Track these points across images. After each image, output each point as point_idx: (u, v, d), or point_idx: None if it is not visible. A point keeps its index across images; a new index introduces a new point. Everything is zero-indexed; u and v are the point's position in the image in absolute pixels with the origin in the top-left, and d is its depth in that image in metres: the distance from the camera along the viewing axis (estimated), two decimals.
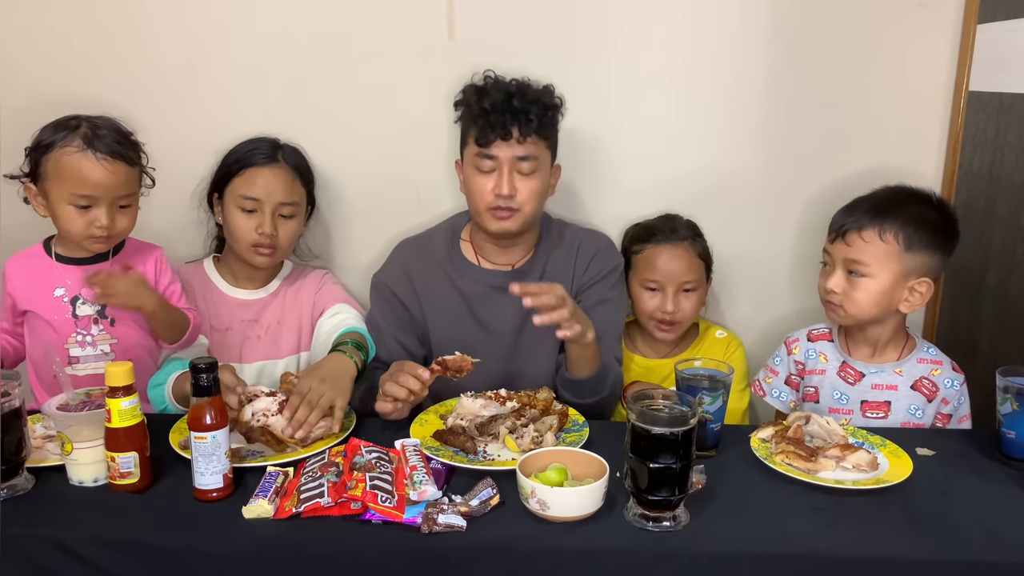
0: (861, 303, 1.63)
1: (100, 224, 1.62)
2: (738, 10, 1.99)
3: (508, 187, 1.72)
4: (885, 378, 1.69)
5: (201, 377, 1.31)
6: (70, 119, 1.64)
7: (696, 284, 1.93)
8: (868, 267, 1.60)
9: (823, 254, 1.71)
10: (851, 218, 1.63)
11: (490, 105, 1.70)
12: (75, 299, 1.70)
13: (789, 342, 1.80)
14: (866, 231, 1.60)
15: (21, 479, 1.36)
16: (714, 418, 1.50)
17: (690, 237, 1.95)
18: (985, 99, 1.91)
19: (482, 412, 1.55)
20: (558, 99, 1.80)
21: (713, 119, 2.06)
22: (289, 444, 1.48)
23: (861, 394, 1.70)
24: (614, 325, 1.87)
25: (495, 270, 1.87)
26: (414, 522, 1.26)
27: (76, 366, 1.70)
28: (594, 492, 1.28)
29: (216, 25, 2.01)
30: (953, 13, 1.97)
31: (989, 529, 1.27)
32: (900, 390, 1.69)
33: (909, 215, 1.61)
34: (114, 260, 1.73)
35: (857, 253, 1.61)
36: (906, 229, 1.59)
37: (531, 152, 1.73)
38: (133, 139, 1.69)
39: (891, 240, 1.59)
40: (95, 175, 1.60)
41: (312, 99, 2.04)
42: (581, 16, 2.00)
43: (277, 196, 1.85)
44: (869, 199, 1.66)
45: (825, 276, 1.69)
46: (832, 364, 1.73)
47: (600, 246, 1.91)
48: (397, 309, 1.87)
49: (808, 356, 1.77)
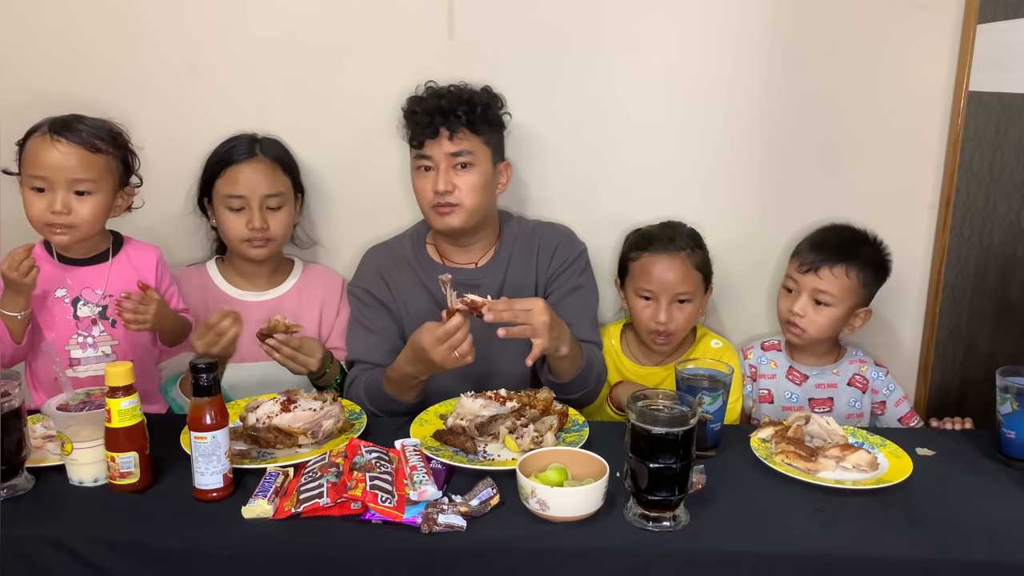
0: (821, 327, 1.88)
1: (54, 208, 1.60)
2: (737, 10, 1.99)
3: (444, 183, 1.77)
4: (826, 378, 1.97)
5: (201, 377, 1.31)
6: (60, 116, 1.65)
7: (691, 296, 1.91)
8: (833, 298, 1.86)
9: (787, 280, 1.94)
10: (823, 255, 1.87)
11: (420, 108, 1.79)
12: (76, 300, 1.70)
13: (745, 349, 2.05)
14: (836, 268, 1.86)
15: (21, 479, 1.36)
16: (714, 418, 1.50)
17: (688, 248, 1.91)
18: (985, 99, 1.91)
19: (482, 412, 1.55)
20: (495, 96, 1.85)
21: (712, 120, 2.05)
22: (299, 436, 1.48)
23: (808, 392, 1.96)
24: (588, 311, 1.92)
25: (459, 268, 1.90)
26: (414, 522, 1.26)
27: (77, 368, 1.70)
28: (594, 492, 1.28)
29: (215, 25, 2.00)
30: (953, 13, 1.96)
31: (989, 529, 1.27)
32: (839, 387, 1.96)
33: (866, 257, 1.88)
34: (114, 260, 1.73)
35: (826, 286, 1.86)
36: (864, 269, 1.87)
37: (464, 148, 1.78)
38: (117, 138, 1.68)
39: (854, 278, 1.86)
40: (48, 156, 1.60)
41: (312, 99, 2.04)
42: (581, 16, 1.99)
43: (261, 189, 1.86)
44: (832, 240, 1.91)
45: (790, 299, 1.91)
46: (781, 369, 2.00)
47: (561, 237, 1.94)
48: (379, 310, 1.89)
49: (760, 362, 2.02)
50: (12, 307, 1.59)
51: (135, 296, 1.66)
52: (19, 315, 1.60)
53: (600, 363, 1.85)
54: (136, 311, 1.65)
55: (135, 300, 1.65)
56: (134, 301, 1.65)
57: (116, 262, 1.74)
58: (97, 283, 1.71)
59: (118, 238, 1.77)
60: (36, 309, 1.67)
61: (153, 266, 1.78)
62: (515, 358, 1.81)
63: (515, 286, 1.89)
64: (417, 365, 1.63)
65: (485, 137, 1.82)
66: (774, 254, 2.12)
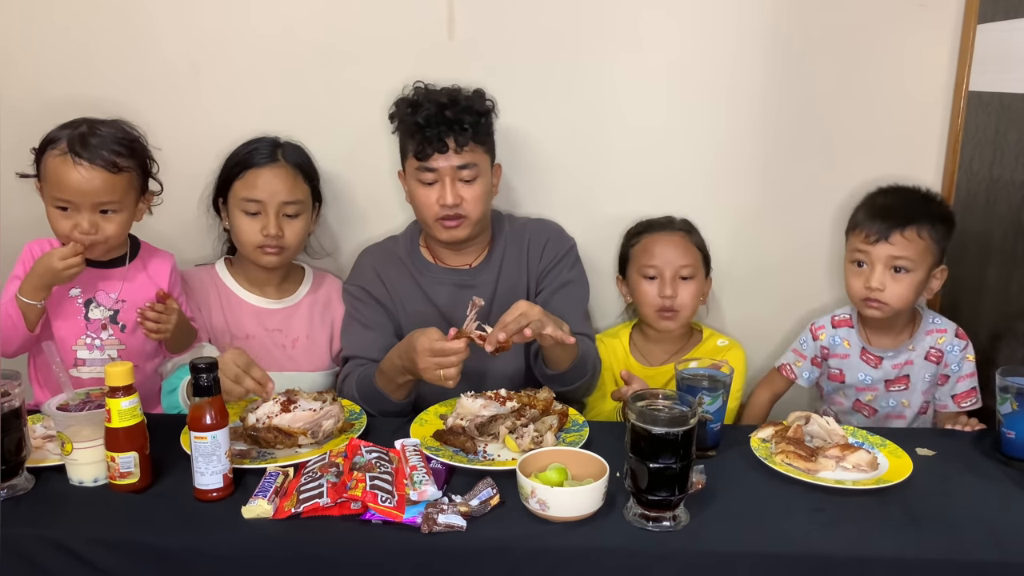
0: (903, 296, 1.77)
1: (82, 229, 1.61)
2: (738, 10, 1.99)
3: (452, 197, 1.76)
4: (902, 357, 1.86)
5: (201, 377, 1.31)
6: (76, 122, 1.64)
7: (693, 271, 1.94)
8: (912, 262, 1.76)
9: (854, 254, 1.82)
10: (890, 220, 1.76)
11: (424, 119, 1.73)
12: (89, 301, 1.70)
13: (815, 328, 1.94)
14: (907, 231, 1.75)
15: (21, 479, 1.37)
16: (714, 418, 1.50)
17: (685, 229, 1.99)
18: (985, 99, 1.91)
19: (482, 412, 1.55)
20: (490, 102, 1.83)
21: (712, 120, 2.05)
22: (299, 436, 1.48)
23: (884, 374, 1.87)
24: (580, 304, 1.94)
25: (454, 270, 1.91)
26: (414, 522, 1.26)
27: (81, 368, 1.70)
28: (594, 492, 1.28)
29: (219, 25, 2.00)
30: (953, 13, 1.96)
31: (989, 529, 1.27)
32: (916, 364, 1.86)
33: (934, 213, 1.78)
34: (131, 266, 1.74)
35: (901, 251, 1.75)
36: (936, 226, 1.77)
37: (470, 160, 1.77)
38: (135, 146, 1.67)
39: (927, 236, 1.76)
40: (71, 180, 1.59)
41: (314, 98, 2.04)
42: (581, 16, 1.99)
43: (280, 196, 1.83)
44: (894, 203, 1.81)
45: (863, 276, 1.80)
46: (854, 349, 1.89)
47: (550, 233, 1.96)
48: (375, 307, 1.89)
49: (833, 342, 1.91)
50: (34, 296, 1.60)
51: (158, 306, 1.68)
52: (39, 304, 1.61)
53: (594, 353, 1.88)
54: (159, 321, 1.67)
55: (158, 310, 1.67)
56: (156, 311, 1.67)
57: (132, 268, 1.74)
58: (112, 287, 1.72)
59: (135, 243, 1.77)
60: (49, 304, 1.66)
61: (167, 274, 1.78)
62: (509, 357, 1.81)
63: (508, 284, 1.89)
64: (404, 360, 1.63)
65: (486, 146, 1.82)
66: (775, 253, 2.12)
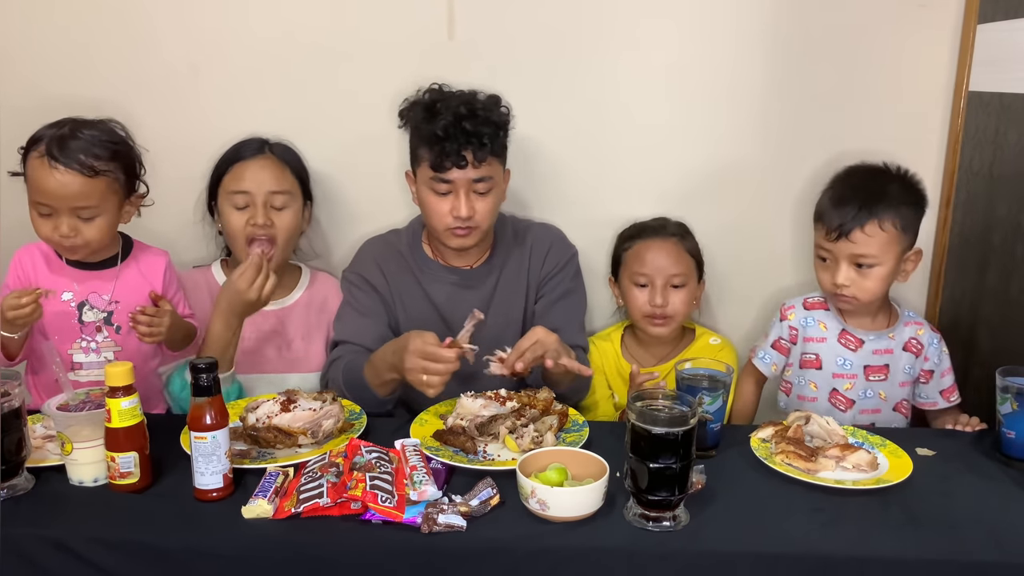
0: (872, 290, 1.71)
1: (61, 232, 1.60)
2: (737, 10, 1.99)
3: (467, 209, 1.75)
4: (883, 343, 1.79)
5: (201, 377, 1.31)
6: (61, 122, 1.63)
7: (685, 279, 1.93)
8: (875, 258, 1.69)
9: (819, 249, 1.76)
10: (847, 216, 1.68)
11: (443, 131, 1.69)
12: (82, 305, 1.69)
13: (784, 309, 1.87)
14: (868, 225, 1.67)
15: (21, 479, 1.36)
16: (714, 418, 1.50)
17: (679, 234, 1.97)
18: (985, 99, 1.91)
19: (482, 412, 1.55)
20: (505, 109, 1.80)
21: (712, 119, 2.05)
22: (299, 436, 1.48)
23: (864, 359, 1.79)
24: (577, 316, 1.95)
25: (455, 269, 1.90)
26: (414, 522, 1.26)
27: (79, 372, 1.70)
28: (594, 492, 1.28)
29: (218, 27, 2.00)
30: (953, 13, 1.97)
31: (989, 529, 1.27)
32: (895, 352, 1.80)
33: (896, 198, 1.69)
34: (123, 266, 1.73)
35: (863, 248, 1.68)
36: (899, 212, 1.68)
37: (486, 173, 1.75)
38: (118, 148, 1.64)
39: (890, 228, 1.68)
40: (48, 184, 1.58)
41: (314, 100, 2.04)
42: (581, 15, 1.99)
43: (267, 185, 1.84)
44: (853, 193, 1.71)
45: (827, 271, 1.75)
46: (832, 332, 1.81)
47: (553, 239, 1.95)
48: (372, 296, 1.88)
49: (806, 323, 1.83)
50: (11, 329, 1.58)
51: (149, 310, 1.66)
52: (16, 336, 1.59)
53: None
54: (151, 324, 1.65)
55: (149, 314, 1.65)
56: (148, 315, 1.65)
57: (125, 268, 1.73)
58: (104, 288, 1.71)
59: (127, 242, 1.76)
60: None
61: (162, 272, 1.77)
62: None
63: (508, 287, 1.89)
64: (395, 356, 1.61)
65: (502, 157, 1.81)
66: (776, 253, 2.12)
